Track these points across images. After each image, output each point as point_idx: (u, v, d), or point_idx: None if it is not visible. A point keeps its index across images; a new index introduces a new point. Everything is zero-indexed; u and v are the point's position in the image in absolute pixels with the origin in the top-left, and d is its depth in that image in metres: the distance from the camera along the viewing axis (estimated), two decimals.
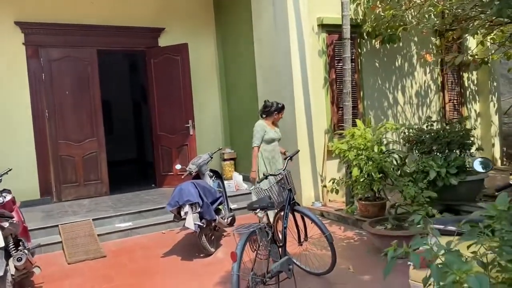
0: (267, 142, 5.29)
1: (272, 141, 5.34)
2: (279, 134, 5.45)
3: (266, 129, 5.29)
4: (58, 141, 7.30)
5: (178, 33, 8.21)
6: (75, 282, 4.40)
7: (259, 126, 5.28)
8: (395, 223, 4.58)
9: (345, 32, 5.75)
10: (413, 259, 1.52)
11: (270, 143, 5.32)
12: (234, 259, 3.01)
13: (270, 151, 5.32)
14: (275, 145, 5.38)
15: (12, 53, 7.05)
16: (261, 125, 5.30)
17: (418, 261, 1.54)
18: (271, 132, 5.31)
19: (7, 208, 4.20)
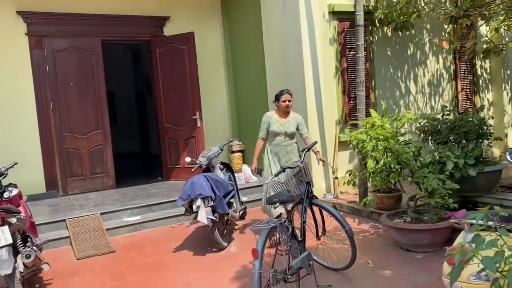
0: (271, 135, 4.93)
1: (275, 135, 4.90)
2: (286, 127, 4.88)
3: (270, 121, 4.90)
4: (63, 133, 7.15)
5: (183, 22, 8.01)
6: (85, 278, 4.28)
7: (264, 117, 4.99)
8: (414, 216, 4.43)
9: (358, 19, 5.56)
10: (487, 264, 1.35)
11: (274, 137, 4.92)
12: (256, 256, 2.86)
13: (275, 145, 4.92)
14: (281, 140, 4.89)
15: (14, 44, 6.88)
16: (267, 116, 4.98)
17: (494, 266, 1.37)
18: (275, 125, 4.88)
19: (13, 203, 4.08)
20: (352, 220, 5.45)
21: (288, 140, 4.92)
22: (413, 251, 4.30)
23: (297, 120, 4.98)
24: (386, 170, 4.59)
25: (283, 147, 4.89)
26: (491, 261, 1.34)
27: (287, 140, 4.90)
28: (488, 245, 1.41)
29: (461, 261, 2.33)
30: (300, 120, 5.00)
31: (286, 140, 4.90)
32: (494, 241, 1.44)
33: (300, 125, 4.98)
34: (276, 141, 4.92)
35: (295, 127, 4.94)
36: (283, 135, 4.89)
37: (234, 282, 3.92)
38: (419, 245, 4.27)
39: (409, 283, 3.65)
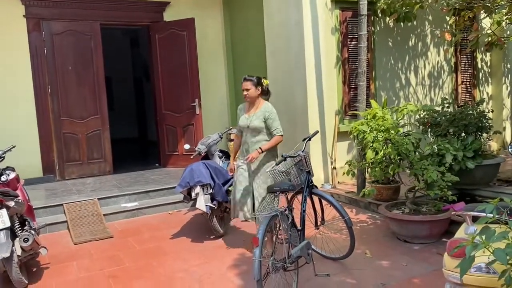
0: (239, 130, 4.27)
1: (241, 129, 4.19)
2: (249, 121, 4.04)
3: (240, 114, 4.22)
4: (61, 118, 7.10)
5: (183, 8, 7.92)
6: (82, 263, 4.27)
7: (238, 109, 4.34)
8: (413, 208, 4.44)
9: (361, 9, 5.51)
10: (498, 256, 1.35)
11: (240, 132, 4.24)
12: (256, 244, 2.86)
13: (243, 143, 4.17)
14: (247, 137, 4.10)
15: (12, 26, 6.79)
16: (239, 108, 4.31)
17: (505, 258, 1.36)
18: (241, 119, 4.16)
19: (11, 186, 4.05)
20: (349, 210, 5.46)
21: (254, 137, 4.05)
22: (411, 242, 4.32)
23: (264, 113, 4.01)
24: (385, 161, 4.59)
25: (250, 146, 4.07)
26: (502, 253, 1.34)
27: (253, 137, 4.05)
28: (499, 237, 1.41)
29: (456, 253, 2.34)
30: (268, 113, 4.00)
31: (252, 136, 4.06)
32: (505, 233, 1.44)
33: (268, 119, 3.99)
34: (243, 138, 4.19)
35: (261, 121, 4.00)
36: (247, 131, 4.10)
37: (232, 269, 3.93)
38: (416, 236, 4.29)
39: (406, 274, 3.67)
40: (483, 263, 2.25)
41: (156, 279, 3.83)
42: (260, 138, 4.04)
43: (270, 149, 4.03)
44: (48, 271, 4.11)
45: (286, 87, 6.71)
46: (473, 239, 1.47)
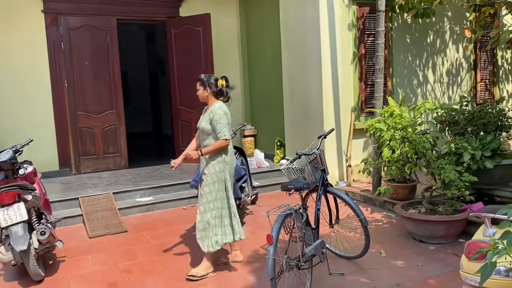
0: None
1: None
2: (199, 123, 3.80)
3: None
4: (77, 112, 7.17)
5: (199, 3, 7.91)
6: (98, 257, 4.31)
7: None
8: (429, 207, 4.37)
9: (379, 4, 5.43)
10: None
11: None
12: (270, 242, 2.85)
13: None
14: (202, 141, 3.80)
15: (31, 21, 6.86)
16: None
17: None
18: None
19: (28, 180, 4.10)
20: (364, 209, 5.41)
21: (204, 140, 3.77)
22: (427, 242, 4.26)
23: (210, 113, 3.72)
24: (402, 159, 4.52)
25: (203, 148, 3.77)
26: None
27: (203, 140, 3.78)
28: None
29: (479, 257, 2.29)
30: (213, 114, 3.68)
31: (203, 140, 3.80)
32: None
33: (212, 120, 3.65)
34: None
35: (207, 122, 3.70)
36: (200, 133, 3.84)
37: (245, 266, 3.92)
38: (433, 237, 4.23)
39: (422, 274, 3.62)
40: (503, 266, 2.20)
41: (169, 274, 3.85)
42: (209, 141, 3.74)
43: (215, 154, 3.68)
44: (64, 264, 4.16)
45: (301, 83, 6.67)
46: (494, 244, 1.43)
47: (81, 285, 3.70)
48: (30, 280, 3.74)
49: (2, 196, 3.67)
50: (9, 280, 3.86)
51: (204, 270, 3.73)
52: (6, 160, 3.94)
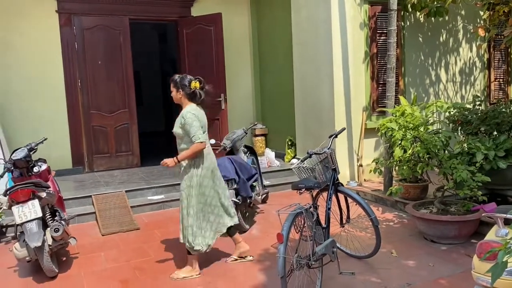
0: None
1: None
2: (174, 128, 3.69)
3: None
4: (90, 111, 7.26)
5: (211, 3, 7.95)
6: (110, 254, 4.37)
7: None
8: (441, 207, 4.35)
9: (391, 3, 5.40)
10: None
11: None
12: (281, 241, 2.86)
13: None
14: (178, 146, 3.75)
15: (45, 21, 6.97)
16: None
17: None
18: None
19: (42, 177, 4.17)
20: (376, 208, 5.39)
21: (180, 144, 3.71)
22: (438, 243, 4.24)
23: (180, 117, 3.62)
24: (414, 159, 4.50)
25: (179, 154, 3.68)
26: None
27: (179, 145, 3.72)
28: None
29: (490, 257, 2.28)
30: (184, 119, 3.57)
31: (178, 144, 3.74)
32: None
33: (184, 124, 3.57)
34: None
35: (178, 127, 3.63)
36: (178, 137, 3.74)
37: (256, 264, 3.94)
38: (444, 237, 4.20)
39: (433, 274, 3.60)
40: None
41: None
42: (183, 146, 3.65)
43: (192, 159, 3.63)
44: (77, 261, 4.22)
45: (312, 83, 6.67)
46: (506, 244, 1.42)
47: (94, 282, 3.75)
48: (44, 276, 3.81)
49: (17, 194, 3.74)
50: (24, 276, 3.93)
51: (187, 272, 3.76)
52: (21, 158, 4.01)
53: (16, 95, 6.82)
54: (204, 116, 3.74)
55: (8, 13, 6.74)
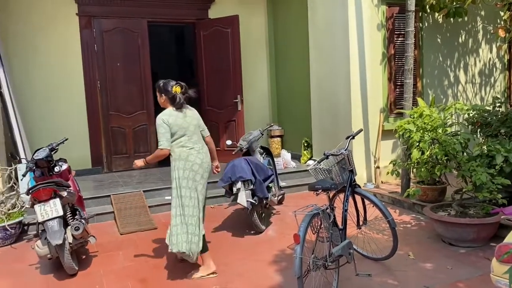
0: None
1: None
2: None
3: None
4: (109, 112, 7.38)
5: (228, 5, 8.02)
6: (128, 253, 4.44)
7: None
8: (459, 210, 4.30)
9: (409, 4, 5.37)
10: None
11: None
12: (297, 241, 2.87)
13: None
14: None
15: (66, 24, 7.12)
16: None
17: None
18: None
19: (63, 177, 4.25)
20: (393, 211, 5.35)
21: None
22: (456, 245, 4.19)
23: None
24: (432, 161, 4.46)
25: None
26: None
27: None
28: None
29: (506, 259, 2.26)
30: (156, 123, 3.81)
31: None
32: None
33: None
34: None
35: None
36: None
37: (272, 265, 3.95)
38: (463, 240, 4.15)
39: (451, 277, 3.57)
40: None
41: None
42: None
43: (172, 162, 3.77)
44: (96, 259, 4.29)
45: (329, 84, 6.66)
46: None
47: (112, 280, 3.82)
48: (64, 274, 3.89)
49: (40, 192, 3.83)
50: (45, 273, 4.02)
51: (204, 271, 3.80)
52: (43, 157, 4.10)
53: (38, 96, 6.98)
54: (180, 119, 3.78)
55: (33, 17, 6.91)
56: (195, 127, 3.86)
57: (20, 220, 4.89)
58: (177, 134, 3.73)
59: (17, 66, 6.82)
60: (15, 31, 6.83)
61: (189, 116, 3.86)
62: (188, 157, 3.74)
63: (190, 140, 3.79)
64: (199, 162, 3.78)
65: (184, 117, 3.82)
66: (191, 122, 3.84)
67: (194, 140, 3.82)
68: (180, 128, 3.75)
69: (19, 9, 6.85)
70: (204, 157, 3.86)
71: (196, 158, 3.77)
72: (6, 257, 4.47)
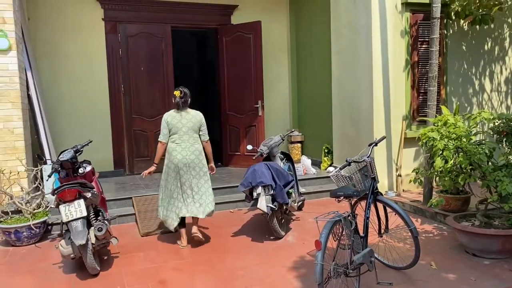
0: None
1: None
2: None
3: None
4: (132, 115, 7.50)
5: (251, 11, 8.09)
6: (149, 254, 4.48)
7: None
8: (484, 220, 4.21)
9: (434, 11, 5.31)
10: None
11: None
12: (319, 248, 2.86)
13: None
14: None
15: (92, 29, 7.29)
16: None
17: None
18: None
19: (87, 178, 4.33)
20: (414, 219, 5.27)
21: None
22: (480, 257, 4.11)
23: None
24: (455, 170, 4.38)
25: None
26: None
27: None
28: None
29: None
30: None
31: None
32: None
33: None
34: None
35: None
36: None
37: (291, 271, 3.94)
38: (487, 251, 4.06)
39: None
40: None
41: (217, 275, 3.93)
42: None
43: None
44: (118, 260, 4.35)
45: (351, 90, 6.63)
46: None
47: (133, 281, 3.86)
48: (87, 274, 3.95)
49: (65, 193, 3.90)
50: (68, 273, 4.09)
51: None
52: (68, 159, 4.19)
53: (64, 99, 7.16)
54: (178, 119, 4.63)
55: (60, 23, 7.10)
56: (188, 128, 4.63)
57: (45, 219, 5.00)
58: (171, 132, 4.63)
59: (44, 70, 7.00)
60: (43, 37, 7.03)
61: (185, 118, 4.64)
62: (172, 152, 4.62)
63: (180, 138, 4.61)
64: (179, 158, 4.57)
65: (180, 118, 4.64)
66: (186, 124, 4.63)
67: (184, 139, 4.61)
68: (174, 127, 4.61)
69: (48, 16, 7.05)
70: (189, 154, 4.61)
71: (178, 154, 4.59)
72: (31, 256, 4.57)
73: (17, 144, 5.52)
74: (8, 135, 5.50)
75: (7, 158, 5.47)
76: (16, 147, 5.51)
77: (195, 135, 4.67)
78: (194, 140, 4.65)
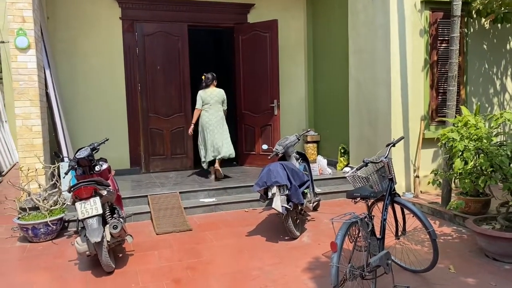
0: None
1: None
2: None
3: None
4: (148, 114, 7.53)
5: (267, 9, 8.06)
6: (163, 253, 4.49)
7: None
8: (505, 224, 4.10)
9: (455, 9, 5.20)
10: None
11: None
12: (335, 249, 2.81)
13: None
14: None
15: (110, 28, 7.34)
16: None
17: None
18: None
19: (103, 176, 4.35)
20: (432, 222, 5.18)
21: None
22: (501, 261, 4.00)
23: None
24: (476, 172, 4.28)
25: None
26: None
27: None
28: None
29: None
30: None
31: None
32: None
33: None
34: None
35: None
36: None
37: (306, 272, 3.90)
38: (508, 255, 3.96)
39: None
40: None
41: (232, 274, 3.92)
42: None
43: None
44: (133, 258, 4.36)
45: (368, 88, 6.55)
46: None
47: (148, 279, 3.87)
48: (102, 271, 3.97)
49: (81, 190, 3.93)
50: (84, 270, 4.12)
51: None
52: (84, 157, 4.22)
53: (82, 97, 7.23)
54: (207, 94, 6.84)
55: (78, 22, 7.17)
56: (215, 101, 6.80)
57: (61, 216, 5.04)
58: (204, 103, 6.80)
59: (62, 68, 7.09)
60: (61, 35, 7.11)
61: (211, 94, 6.82)
62: (202, 116, 6.81)
63: (209, 107, 6.80)
64: (206, 120, 6.76)
65: (208, 94, 6.83)
66: (213, 98, 6.80)
67: (211, 108, 6.79)
68: (204, 100, 6.80)
69: (67, 16, 7.13)
70: (213, 118, 6.77)
71: (205, 117, 6.79)
72: (47, 252, 4.61)
73: (35, 141, 5.59)
74: (26, 133, 5.57)
75: (26, 155, 5.55)
76: (34, 144, 5.58)
77: (219, 105, 6.81)
78: (218, 108, 6.77)
